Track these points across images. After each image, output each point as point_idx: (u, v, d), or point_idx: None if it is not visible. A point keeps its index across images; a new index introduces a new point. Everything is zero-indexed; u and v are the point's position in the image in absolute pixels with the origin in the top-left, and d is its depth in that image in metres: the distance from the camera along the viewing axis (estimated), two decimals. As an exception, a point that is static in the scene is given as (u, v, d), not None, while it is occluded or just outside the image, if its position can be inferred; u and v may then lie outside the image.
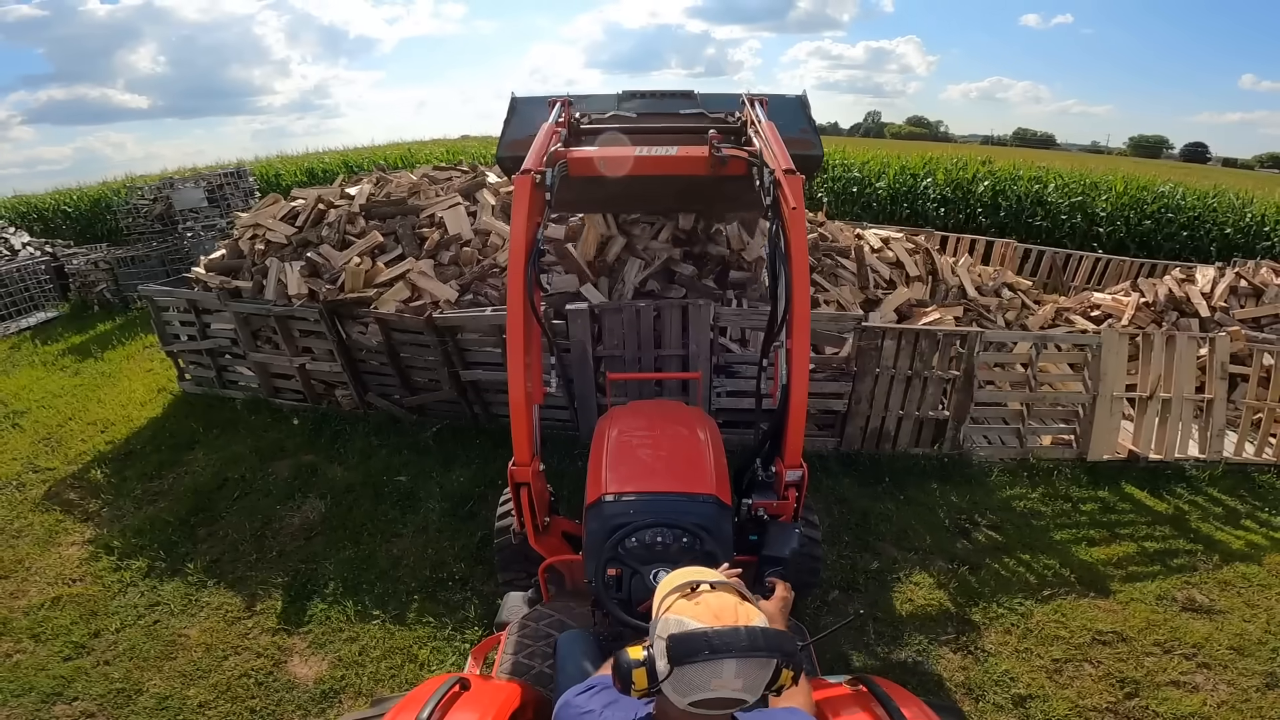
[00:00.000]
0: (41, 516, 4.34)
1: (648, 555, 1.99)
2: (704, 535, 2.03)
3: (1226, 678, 3.06)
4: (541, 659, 2.09)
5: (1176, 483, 4.51)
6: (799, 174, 2.27)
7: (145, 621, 3.40)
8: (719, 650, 1.07)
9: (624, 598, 1.95)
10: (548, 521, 2.55)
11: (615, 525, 2.07)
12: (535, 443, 2.41)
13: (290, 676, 3.07)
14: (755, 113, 2.90)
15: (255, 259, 5.09)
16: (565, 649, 1.89)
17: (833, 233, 5.56)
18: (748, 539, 2.33)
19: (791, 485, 2.33)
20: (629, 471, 2.33)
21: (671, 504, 2.13)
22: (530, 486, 2.33)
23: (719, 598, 1.17)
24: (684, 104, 3.61)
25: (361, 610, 3.40)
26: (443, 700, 1.44)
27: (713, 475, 2.32)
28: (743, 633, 1.10)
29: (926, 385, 4.33)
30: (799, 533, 2.27)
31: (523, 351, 2.23)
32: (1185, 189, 10.90)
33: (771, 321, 2.50)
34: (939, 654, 3.18)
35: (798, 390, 2.25)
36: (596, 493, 2.26)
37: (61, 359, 7.24)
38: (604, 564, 1.99)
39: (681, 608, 1.15)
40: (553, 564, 2.52)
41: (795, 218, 2.17)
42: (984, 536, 3.96)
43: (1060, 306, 6.19)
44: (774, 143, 2.47)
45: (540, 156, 2.39)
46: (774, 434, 2.43)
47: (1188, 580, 3.66)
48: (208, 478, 4.55)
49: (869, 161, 12.69)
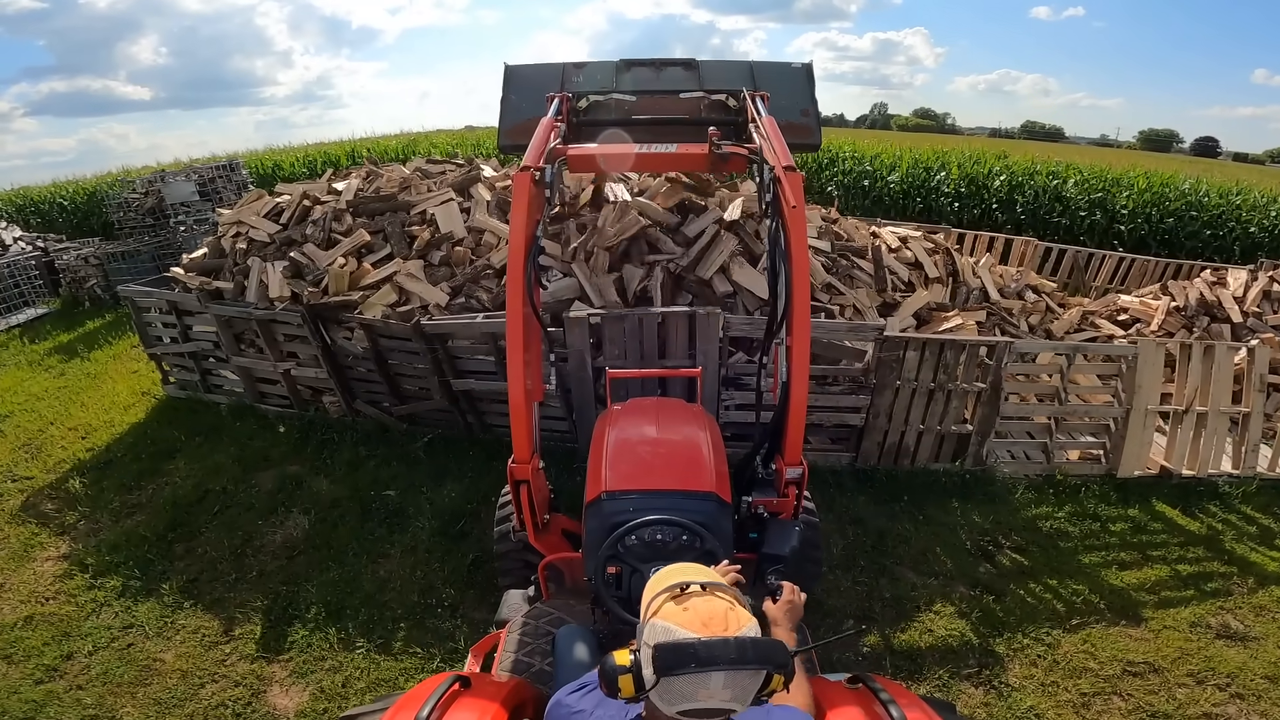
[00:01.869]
0: (18, 529, 4.23)
1: (647, 553, 2.00)
2: (704, 533, 2.03)
3: (1260, 708, 2.96)
4: (541, 657, 2.12)
5: (1209, 500, 4.33)
6: (798, 171, 2.26)
7: (119, 644, 3.29)
8: (706, 662, 1.04)
9: (624, 595, 1.98)
10: (547, 519, 2.57)
11: (615, 523, 2.07)
12: (535, 440, 2.42)
13: (270, 708, 2.95)
14: (756, 107, 2.89)
15: (237, 258, 4.86)
16: (563, 644, 1.89)
17: (848, 231, 5.28)
18: (748, 536, 2.35)
19: (791, 483, 2.34)
20: (629, 469, 2.34)
21: (671, 501, 2.13)
22: (530, 484, 2.34)
23: (708, 603, 1.13)
24: (684, 76, 3.58)
25: (345, 638, 3.25)
26: (443, 698, 1.44)
27: (712, 472, 2.32)
28: (731, 644, 1.06)
29: (950, 398, 4.06)
30: (799, 531, 2.28)
31: (522, 349, 2.23)
32: (1209, 186, 10.61)
33: (771, 319, 2.51)
34: (960, 689, 3.04)
35: (798, 388, 2.25)
36: (596, 490, 2.27)
37: (47, 359, 7.14)
38: (604, 562, 2.00)
39: (669, 613, 1.12)
40: (552, 562, 2.54)
41: (795, 215, 2.16)
42: (1008, 560, 3.78)
43: (1086, 310, 5.92)
44: (774, 139, 2.45)
45: (539, 153, 2.39)
46: (774, 431, 2.44)
47: (1222, 605, 3.51)
48: (188, 489, 4.40)
49: (880, 154, 12.41)
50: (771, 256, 2.41)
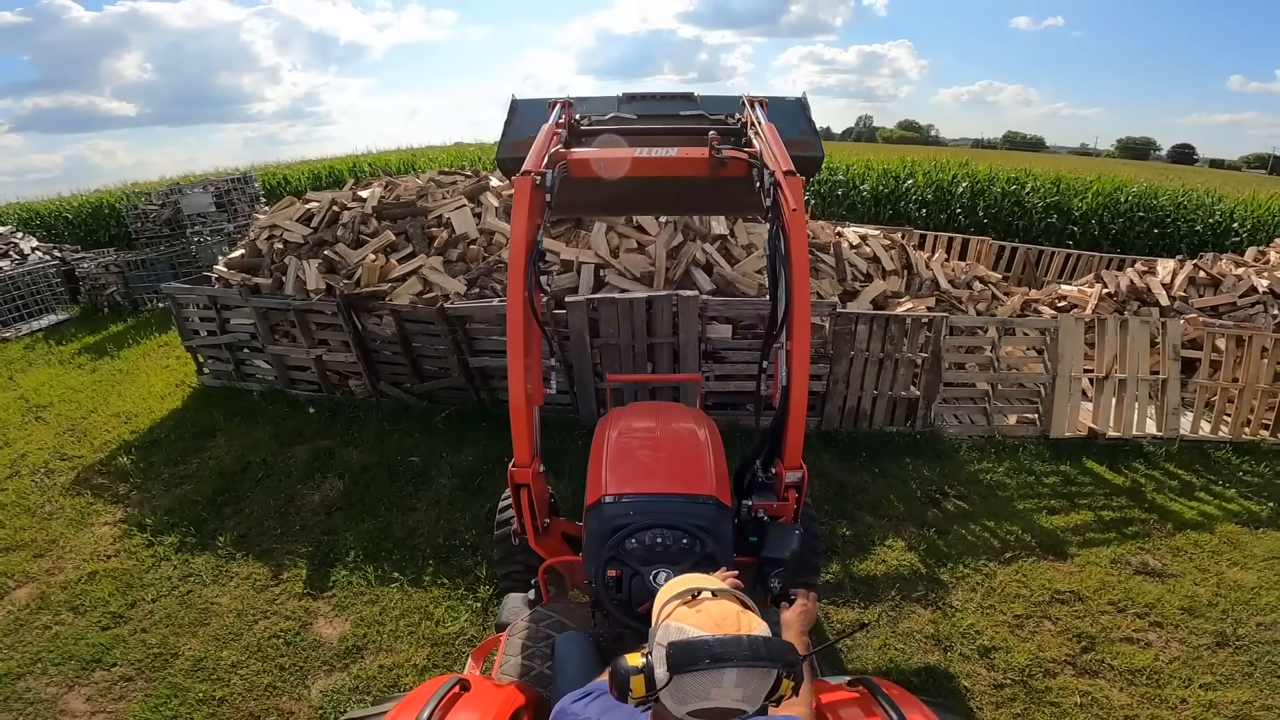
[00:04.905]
0: (72, 500, 4.53)
1: (648, 556, 1.97)
2: (704, 536, 2.01)
3: (1178, 636, 3.23)
4: (541, 660, 2.07)
5: (1135, 458, 4.78)
6: (799, 175, 2.25)
7: (179, 592, 3.62)
8: (720, 659, 1.05)
9: (624, 599, 1.94)
10: (548, 523, 2.53)
11: (615, 526, 2.05)
12: (535, 444, 2.40)
13: (316, 636, 3.30)
14: (755, 114, 2.85)
15: (274, 257, 5.40)
16: (563, 650, 1.88)
17: (814, 230, 5.92)
18: (747, 540, 2.31)
19: (791, 486, 2.30)
20: (629, 473, 2.32)
21: (671, 505, 2.12)
22: (530, 488, 2.31)
23: (720, 605, 1.15)
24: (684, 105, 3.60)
25: (381, 575, 3.65)
26: (443, 701, 1.42)
27: (713, 476, 2.31)
28: (745, 641, 1.07)
29: (898, 367, 4.68)
30: (799, 534, 2.23)
31: (523, 353, 2.20)
32: (1158, 189, 11.31)
33: (771, 323, 2.46)
34: (910, 609, 3.42)
35: (798, 392, 2.20)
36: (596, 494, 2.24)
37: (77, 357, 7.42)
38: (604, 565, 1.97)
39: (682, 615, 1.13)
40: (553, 565, 2.51)
41: (795, 219, 2.14)
42: (952, 506, 4.25)
43: (1028, 298, 6.57)
44: (774, 144, 2.43)
45: (540, 158, 2.37)
46: (774, 435, 2.40)
47: (1141, 546, 3.87)
48: (230, 461, 4.79)
49: (853, 165, 13.09)
50: (771, 261, 2.36)
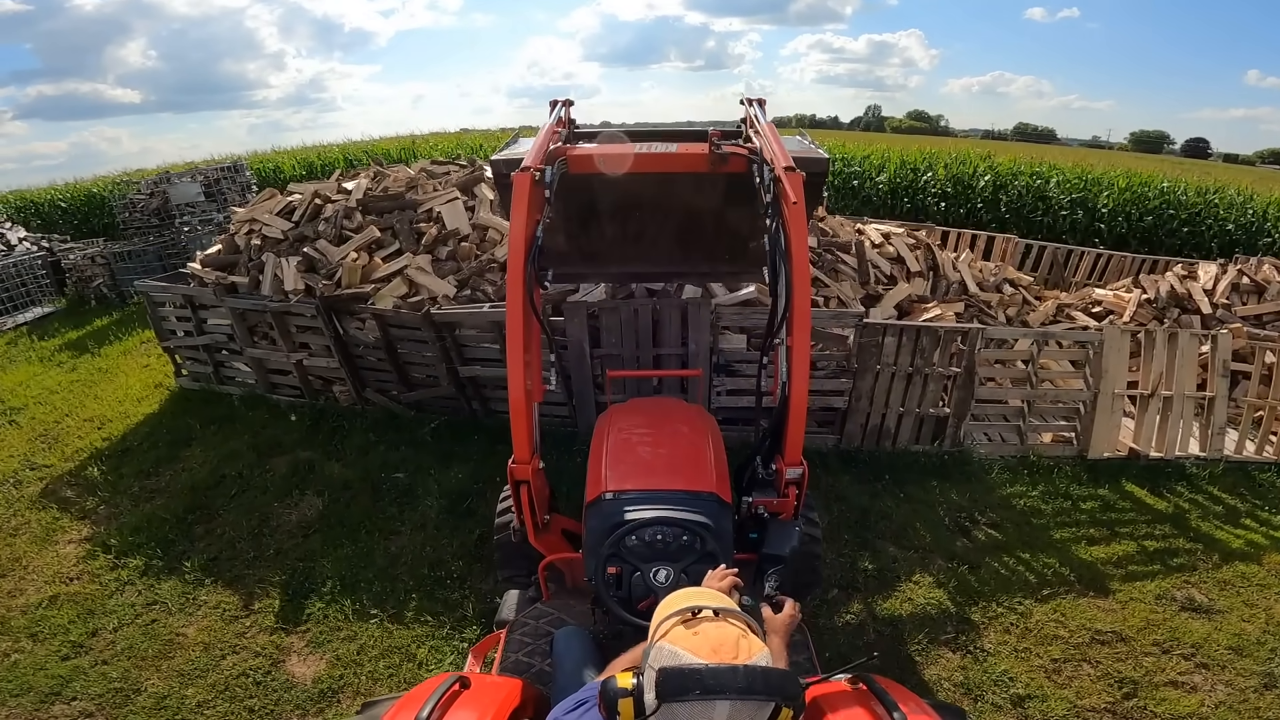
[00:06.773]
0: (39, 514, 4.34)
1: (648, 553, 1.99)
2: (704, 533, 2.03)
3: (1224, 678, 3.06)
4: (541, 657, 2.10)
5: (1177, 480, 4.50)
6: (799, 171, 2.23)
7: (143, 620, 3.41)
8: (711, 690, 1.00)
9: (624, 596, 1.96)
10: (547, 519, 2.54)
11: (615, 523, 2.07)
12: (535, 440, 2.41)
13: (288, 676, 3.07)
14: (755, 112, 2.86)
15: (252, 254, 5.06)
16: (562, 645, 1.87)
17: (833, 228, 5.53)
18: (748, 537, 2.33)
19: (792, 483, 2.33)
20: (629, 469, 2.34)
21: (672, 501, 2.13)
22: (530, 484, 2.33)
23: (720, 629, 1.10)
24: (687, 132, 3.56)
25: (359, 609, 3.40)
26: (443, 698, 1.43)
27: (713, 473, 2.32)
28: (740, 672, 1.02)
29: (927, 382, 4.31)
30: (799, 531, 2.26)
31: (522, 349, 2.22)
32: (1186, 185, 10.88)
33: (771, 319, 2.50)
34: (938, 653, 3.18)
35: (798, 388, 2.25)
36: (596, 490, 2.26)
37: (58, 354, 7.22)
38: (604, 562, 1.99)
39: (678, 636, 1.09)
40: (552, 562, 2.52)
41: (795, 214, 2.13)
42: (984, 535, 3.96)
43: (1061, 302, 6.17)
44: (774, 141, 2.45)
45: (540, 154, 2.38)
46: (774, 431, 2.43)
47: (1187, 580, 3.65)
48: (205, 474, 4.54)
49: (869, 155, 12.65)
50: (771, 257, 2.37)
